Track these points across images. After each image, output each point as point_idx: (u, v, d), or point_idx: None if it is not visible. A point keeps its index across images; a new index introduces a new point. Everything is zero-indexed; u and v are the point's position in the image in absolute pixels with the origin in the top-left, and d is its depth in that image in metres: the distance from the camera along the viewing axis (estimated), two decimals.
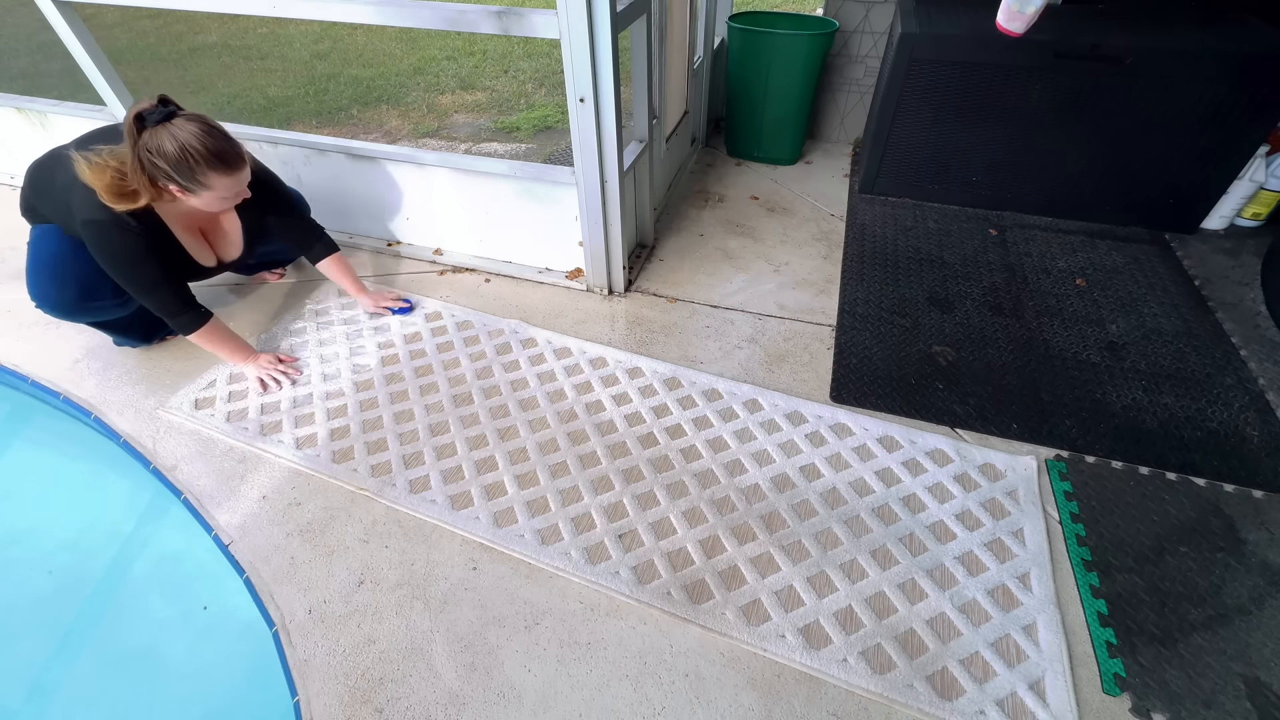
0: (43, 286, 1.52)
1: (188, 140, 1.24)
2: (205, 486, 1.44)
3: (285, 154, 2.13)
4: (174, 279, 1.52)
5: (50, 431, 1.79)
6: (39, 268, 1.52)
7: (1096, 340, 1.80)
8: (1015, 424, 1.55)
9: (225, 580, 1.29)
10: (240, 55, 5.15)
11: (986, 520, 1.34)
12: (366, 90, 4.34)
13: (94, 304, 1.56)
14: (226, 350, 1.65)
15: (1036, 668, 1.10)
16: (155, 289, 1.47)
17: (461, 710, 1.07)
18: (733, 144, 2.91)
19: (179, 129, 1.24)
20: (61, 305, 1.54)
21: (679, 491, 1.41)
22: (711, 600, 1.21)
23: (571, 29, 1.43)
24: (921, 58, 2.14)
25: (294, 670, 1.12)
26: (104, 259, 1.41)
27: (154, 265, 1.44)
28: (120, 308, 1.61)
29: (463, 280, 2.11)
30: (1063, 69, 2.04)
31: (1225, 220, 2.26)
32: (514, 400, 1.64)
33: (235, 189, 1.37)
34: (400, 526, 1.35)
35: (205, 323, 1.58)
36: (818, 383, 1.68)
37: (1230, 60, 1.90)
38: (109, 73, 2.06)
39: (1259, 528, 1.31)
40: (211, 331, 1.60)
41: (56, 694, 1.28)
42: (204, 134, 1.26)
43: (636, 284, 2.07)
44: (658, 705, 1.07)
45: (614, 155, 1.66)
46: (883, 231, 2.32)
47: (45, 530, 1.56)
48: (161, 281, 1.48)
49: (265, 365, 1.69)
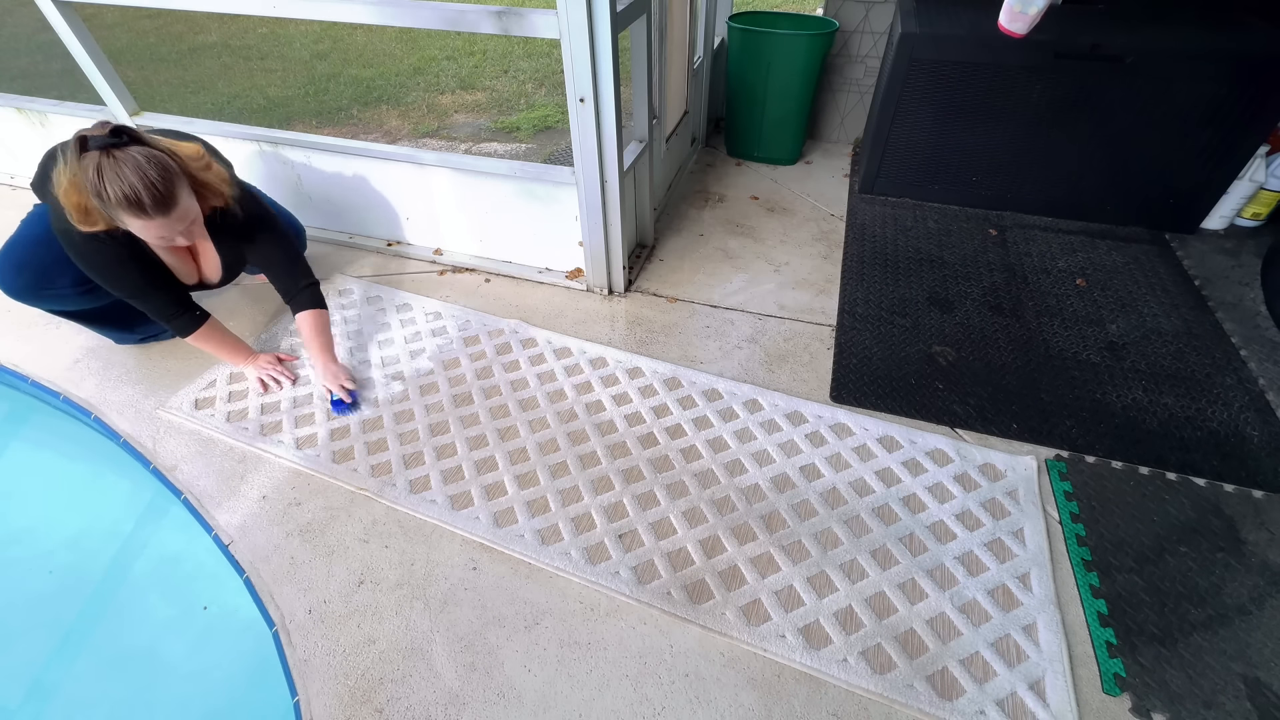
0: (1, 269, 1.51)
1: (110, 177, 1.18)
2: (205, 486, 1.44)
3: (285, 154, 2.13)
4: (162, 283, 1.51)
5: (50, 431, 1.79)
6: (8, 249, 1.51)
7: (1096, 340, 1.80)
8: (1015, 424, 1.55)
9: (225, 580, 1.29)
10: (240, 55, 5.15)
11: (986, 520, 1.34)
12: (366, 90, 4.34)
13: (49, 291, 1.54)
14: (225, 352, 1.65)
15: (1036, 668, 1.10)
16: (143, 293, 1.47)
17: (461, 710, 1.07)
18: (733, 144, 2.91)
19: (108, 163, 1.18)
20: (15, 289, 1.53)
21: (679, 491, 1.41)
22: (711, 600, 1.21)
23: (571, 29, 1.43)
24: (921, 58, 2.14)
25: (294, 670, 1.12)
26: (85, 268, 1.42)
27: (135, 271, 1.44)
28: (82, 298, 1.59)
29: (463, 280, 2.11)
30: (1063, 69, 2.04)
31: (1225, 220, 2.26)
32: (514, 400, 1.64)
33: (158, 234, 1.29)
34: (400, 526, 1.35)
35: (201, 325, 1.57)
36: (818, 383, 1.68)
37: (1230, 60, 1.90)
38: (109, 73, 2.06)
39: (1259, 528, 1.31)
40: (209, 334, 1.59)
41: (56, 694, 1.28)
42: (127, 174, 1.18)
43: (636, 284, 2.07)
44: (658, 705, 1.07)
45: (614, 155, 1.66)
46: (883, 231, 2.32)
47: (45, 530, 1.56)
48: (148, 286, 1.47)
49: (264, 365, 1.69)
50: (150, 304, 1.49)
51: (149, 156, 1.22)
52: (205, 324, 1.58)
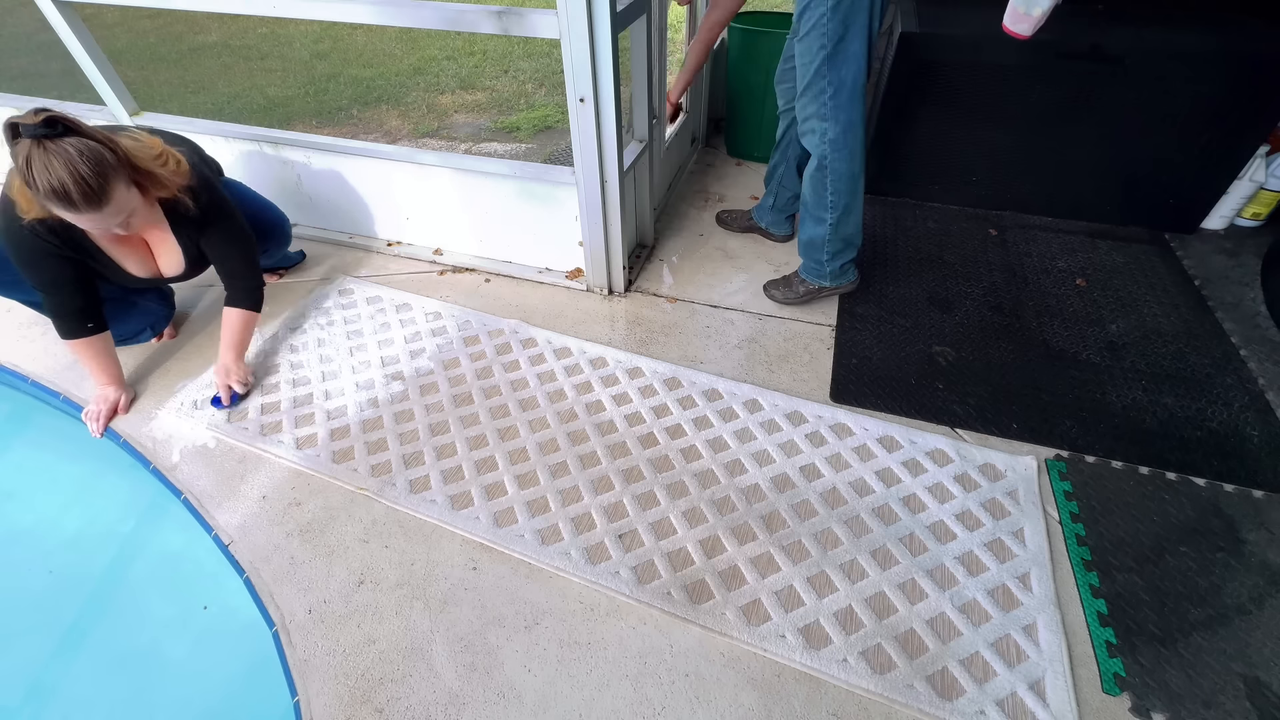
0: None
1: (39, 169, 1.15)
2: (205, 486, 1.44)
3: (285, 154, 2.13)
4: (73, 287, 1.47)
5: (50, 431, 1.79)
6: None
7: (1096, 340, 1.80)
8: (1015, 424, 1.55)
9: (225, 580, 1.29)
10: (240, 55, 5.15)
11: (986, 520, 1.34)
12: (366, 90, 4.34)
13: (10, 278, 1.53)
14: (96, 370, 1.59)
15: (1036, 668, 1.10)
16: (50, 289, 1.46)
17: (461, 710, 1.07)
18: (733, 144, 2.91)
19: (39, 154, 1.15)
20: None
21: (679, 491, 1.41)
22: (711, 600, 1.21)
23: (571, 29, 1.43)
24: (921, 58, 2.14)
25: (294, 670, 1.12)
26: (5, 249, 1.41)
27: (51, 267, 1.42)
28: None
29: (463, 280, 2.11)
30: (1063, 69, 2.04)
31: (1225, 220, 2.26)
32: (514, 400, 1.64)
33: (92, 226, 1.29)
34: (400, 526, 1.35)
35: (83, 337, 1.52)
36: (818, 383, 1.69)
37: (1230, 60, 1.89)
38: (109, 73, 2.06)
39: (1259, 528, 1.31)
40: (87, 347, 1.54)
41: (56, 694, 1.28)
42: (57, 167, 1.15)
43: (636, 284, 2.07)
44: (658, 705, 1.07)
45: (614, 155, 1.66)
46: (883, 231, 2.32)
47: (45, 530, 1.56)
48: (51, 286, 1.45)
49: (100, 402, 1.59)
50: (52, 299, 1.47)
51: (82, 149, 1.17)
52: (91, 338, 1.53)
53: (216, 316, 1.78)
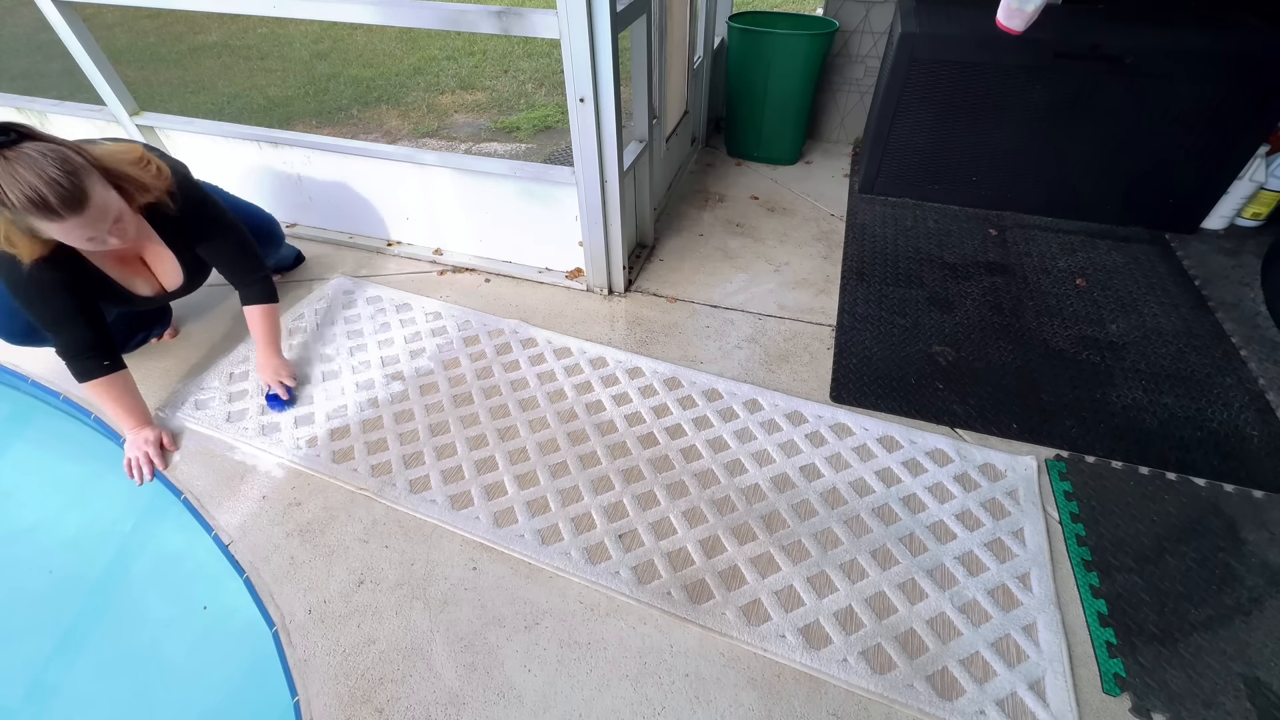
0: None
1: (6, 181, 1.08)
2: (205, 486, 1.44)
3: (285, 154, 2.13)
4: (83, 320, 1.38)
5: (50, 431, 1.79)
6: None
7: (1096, 340, 1.80)
8: (1015, 424, 1.55)
9: (225, 580, 1.29)
10: (240, 55, 5.15)
11: (986, 520, 1.34)
12: (366, 90, 4.34)
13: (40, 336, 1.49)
14: (118, 412, 1.48)
15: (1036, 668, 1.10)
16: (55, 327, 1.36)
17: (461, 710, 1.07)
18: (733, 144, 2.91)
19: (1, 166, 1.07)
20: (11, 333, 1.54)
21: (679, 491, 1.41)
22: (711, 600, 1.21)
23: (571, 29, 1.43)
24: (921, 58, 2.14)
25: (294, 670, 1.12)
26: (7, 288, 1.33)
27: (58, 302, 1.33)
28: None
29: (463, 280, 2.11)
30: (1063, 69, 2.04)
31: (1225, 220, 2.26)
32: (514, 400, 1.64)
33: (84, 235, 1.20)
34: (400, 526, 1.35)
35: (104, 375, 1.42)
36: (818, 383, 1.68)
37: (1230, 60, 1.89)
38: (109, 73, 2.06)
39: (1259, 528, 1.31)
40: (108, 388, 1.43)
41: (56, 694, 1.28)
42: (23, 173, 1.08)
43: (636, 284, 2.07)
44: (658, 705, 1.07)
45: (614, 155, 1.66)
46: (883, 231, 2.32)
47: (45, 530, 1.56)
48: (61, 321, 1.36)
49: (142, 445, 1.47)
50: (62, 338, 1.38)
51: (44, 151, 1.11)
52: (110, 376, 1.43)
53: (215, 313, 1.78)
